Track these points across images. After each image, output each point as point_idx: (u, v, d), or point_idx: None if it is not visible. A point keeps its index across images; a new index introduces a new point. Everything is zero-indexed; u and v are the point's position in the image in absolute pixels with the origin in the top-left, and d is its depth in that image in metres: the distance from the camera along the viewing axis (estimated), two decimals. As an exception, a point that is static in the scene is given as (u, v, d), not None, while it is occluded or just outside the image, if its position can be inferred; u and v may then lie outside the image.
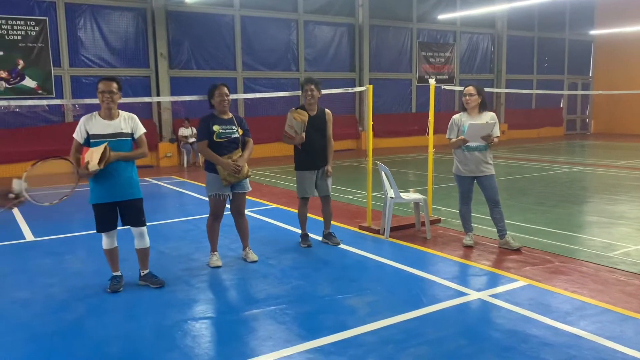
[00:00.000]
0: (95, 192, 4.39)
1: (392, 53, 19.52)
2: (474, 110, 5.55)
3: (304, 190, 5.71)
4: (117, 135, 4.39)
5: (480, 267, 5.04)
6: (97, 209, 4.43)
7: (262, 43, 16.66)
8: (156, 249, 5.62)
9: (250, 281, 4.76)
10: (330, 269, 5.06)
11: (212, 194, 5.04)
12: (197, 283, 4.72)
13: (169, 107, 15.02)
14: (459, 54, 21.13)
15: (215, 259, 5.18)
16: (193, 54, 15.57)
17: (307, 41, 17.54)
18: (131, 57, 14.69)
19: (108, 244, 4.54)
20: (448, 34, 20.86)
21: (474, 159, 5.50)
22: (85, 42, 14.04)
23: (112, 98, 4.37)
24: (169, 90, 14.97)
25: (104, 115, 4.41)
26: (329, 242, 5.90)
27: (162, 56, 14.81)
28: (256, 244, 5.73)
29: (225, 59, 16.15)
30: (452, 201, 7.58)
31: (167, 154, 14.85)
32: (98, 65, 14.25)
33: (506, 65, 22.14)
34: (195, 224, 6.99)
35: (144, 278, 4.71)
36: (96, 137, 4.33)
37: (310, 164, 5.67)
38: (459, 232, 6.22)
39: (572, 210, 7.54)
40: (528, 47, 23.12)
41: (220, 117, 5.02)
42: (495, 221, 5.62)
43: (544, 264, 5.07)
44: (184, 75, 15.38)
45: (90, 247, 5.86)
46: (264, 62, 16.80)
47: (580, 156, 15.64)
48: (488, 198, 5.59)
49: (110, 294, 4.45)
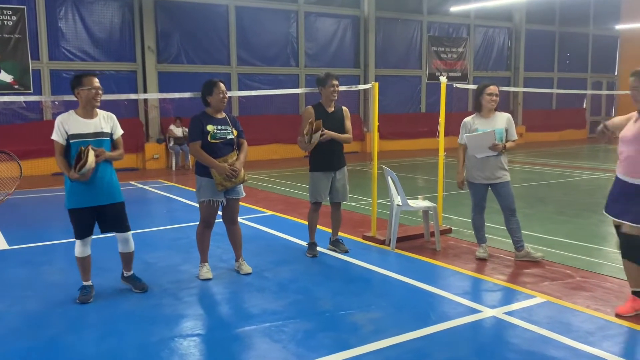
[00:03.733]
0: (74, 196, 4.42)
1: (400, 48, 19.60)
2: (491, 111, 5.57)
3: (317, 194, 5.73)
4: (98, 135, 4.46)
5: (494, 281, 5.04)
6: (75, 215, 4.47)
7: (259, 36, 16.73)
8: (141, 259, 5.62)
9: (243, 295, 4.76)
10: (332, 282, 5.06)
11: (204, 199, 5.04)
12: (186, 297, 4.72)
13: (157, 104, 15.07)
14: (473, 49, 21.21)
15: (206, 270, 5.18)
16: (183, 48, 15.64)
17: (307, 34, 17.60)
18: (116, 50, 14.75)
19: (82, 252, 4.60)
20: (461, 27, 20.93)
21: (487, 165, 5.52)
22: (67, 34, 14.10)
23: (100, 95, 4.45)
24: (156, 87, 15.02)
25: (84, 114, 4.46)
26: (337, 250, 5.92)
27: (149, 49, 14.87)
28: (250, 254, 5.73)
29: (219, 53, 16.21)
30: (465, 209, 7.59)
31: (155, 155, 14.89)
32: (80, 58, 14.31)
33: (524, 62, 22.21)
34: (184, 233, 7.00)
35: (127, 279, 4.81)
36: (76, 137, 4.37)
37: (327, 165, 5.70)
38: (472, 243, 6.22)
39: (595, 221, 7.54)
40: (548, 43, 23.20)
41: (214, 117, 5.04)
42: (512, 232, 5.63)
43: (564, 278, 5.07)
44: (173, 70, 15.43)
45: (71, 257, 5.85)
46: (261, 57, 16.86)
47: (604, 161, 15.66)
48: (503, 207, 5.60)
49: (85, 306, 4.45)
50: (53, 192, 10.42)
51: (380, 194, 6.89)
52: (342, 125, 5.77)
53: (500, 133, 5.47)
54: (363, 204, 8.79)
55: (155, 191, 10.83)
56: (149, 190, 11.02)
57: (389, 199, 6.41)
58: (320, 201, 5.77)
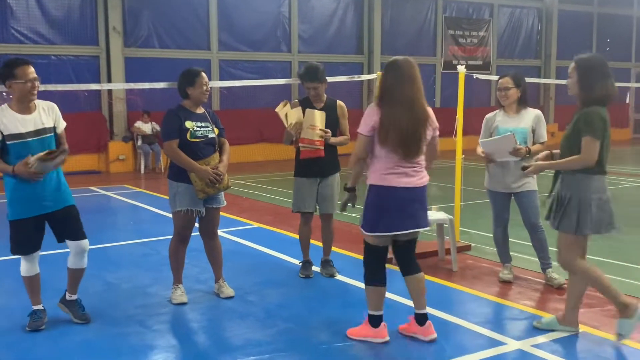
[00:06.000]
0: (17, 205, 4.37)
1: (411, 31, 19.66)
2: (511, 107, 5.59)
3: (299, 203, 5.73)
4: (40, 133, 4.39)
5: (520, 308, 5.04)
6: (18, 226, 4.41)
7: (244, 16, 16.77)
8: (102, 280, 5.61)
9: (224, 323, 4.75)
10: (328, 308, 5.06)
11: (181, 209, 5.02)
12: (155, 325, 4.70)
13: (123, 96, 15.06)
14: (497, 33, 21.30)
15: (180, 293, 5.17)
16: (155, 29, 15.66)
17: (301, 14, 17.65)
18: (75, 31, 14.76)
19: (29, 270, 4.55)
20: (483, 7, 21.03)
21: (509, 170, 5.50)
22: (17, 12, 14.10)
23: (38, 87, 4.37)
24: (123, 75, 15.02)
25: (20, 109, 4.37)
26: (323, 272, 5.91)
27: (115, 31, 14.88)
28: (232, 274, 5.72)
29: (197, 35, 16.24)
30: (486, 223, 7.58)
31: (120, 156, 14.88)
32: (32, 40, 14.31)
33: (557, 49, 22.31)
34: (154, 248, 6.98)
35: (68, 304, 4.71)
36: (14, 138, 4.29)
37: (312, 170, 5.67)
38: (494, 262, 6.23)
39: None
40: (585, 26, 23.30)
41: (193, 112, 5.05)
42: (536, 250, 5.64)
43: (602, 305, 5.07)
44: (143, 55, 15.45)
45: (18, 276, 5.85)
46: (247, 41, 16.89)
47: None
48: (526, 220, 5.61)
49: (36, 335, 4.43)
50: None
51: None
52: (336, 124, 5.72)
53: (522, 134, 5.45)
54: (366, 215, 8.78)
55: (121, 198, 10.81)
56: (112, 197, 11.00)
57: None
58: (306, 211, 5.76)
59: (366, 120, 4.10)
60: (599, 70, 4.21)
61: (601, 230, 4.20)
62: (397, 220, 4.12)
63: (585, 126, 4.10)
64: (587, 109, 4.16)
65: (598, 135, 4.08)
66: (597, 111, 4.12)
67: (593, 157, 4.07)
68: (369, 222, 4.20)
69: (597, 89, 4.14)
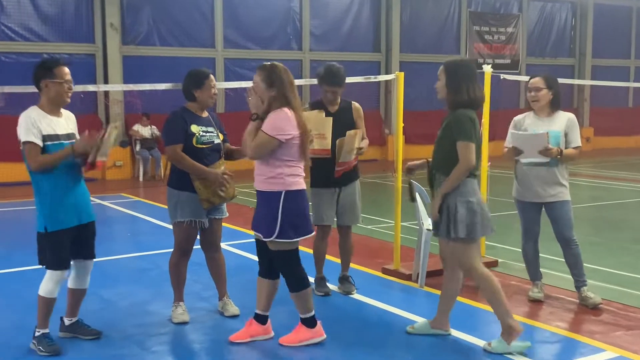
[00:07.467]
0: (61, 213, 4.42)
1: (433, 27, 19.67)
2: (542, 110, 5.57)
3: (318, 216, 5.74)
4: (71, 137, 4.57)
5: (552, 330, 5.02)
6: (60, 237, 4.43)
7: (252, 12, 16.84)
8: (97, 296, 5.64)
9: (228, 345, 4.75)
10: (343, 329, 5.05)
11: (183, 220, 5.04)
12: (155, 345, 4.72)
13: (121, 98, 15.12)
14: (527, 29, 21.26)
15: (181, 311, 5.19)
16: (155, 25, 15.76)
17: (313, 9, 17.70)
18: (70, 28, 14.88)
19: (53, 291, 4.46)
20: (512, 1, 21.02)
21: (539, 178, 5.47)
22: (7, 7, 14.25)
23: (72, 90, 4.55)
24: (121, 75, 15.11)
25: (51, 110, 4.52)
26: (341, 290, 5.91)
27: (112, 27, 14.98)
28: (237, 291, 5.72)
29: (201, 32, 16.32)
30: (514, 236, 7.55)
31: (117, 162, 14.94)
32: (24, 38, 14.44)
33: (592, 47, 22.23)
34: (154, 262, 7.00)
35: (71, 328, 4.73)
36: (52, 139, 4.42)
37: (329, 179, 5.67)
38: (523, 280, 6.20)
39: (684, 253, 7.52)
40: (623, 22, 23.20)
41: (199, 115, 5.09)
42: (570, 266, 5.60)
43: (642, 327, 5.05)
44: (142, 53, 15.55)
45: (9, 291, 5.89)
46: (254, 38, 16.96)
47: (696, 175, 15.58)
48: (557, 233, 5.58)
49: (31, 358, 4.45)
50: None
51: (405, 214, 6.87)
52: (352, 128, 5.74)
53: (556, 137, 5.42)
54: (382, 227, 8.78)
55: (117, 208, 10.86)
56: (108, 206, 11.05)
57: (416, 222, 6.40)
58: (324, 224, 5.77)
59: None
60: (466, 73, 4.49)
61: (476, 234, 4.48)
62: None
63: (457, 131, 4.41)
64: (455, 113, 4.46)
65: (472, 138, 4.38)
66: (465, 114, 4.43)
67: (471, 160, 4.40)
68: (294, 228, 4.48)
69: (465, 92, 4.42)
